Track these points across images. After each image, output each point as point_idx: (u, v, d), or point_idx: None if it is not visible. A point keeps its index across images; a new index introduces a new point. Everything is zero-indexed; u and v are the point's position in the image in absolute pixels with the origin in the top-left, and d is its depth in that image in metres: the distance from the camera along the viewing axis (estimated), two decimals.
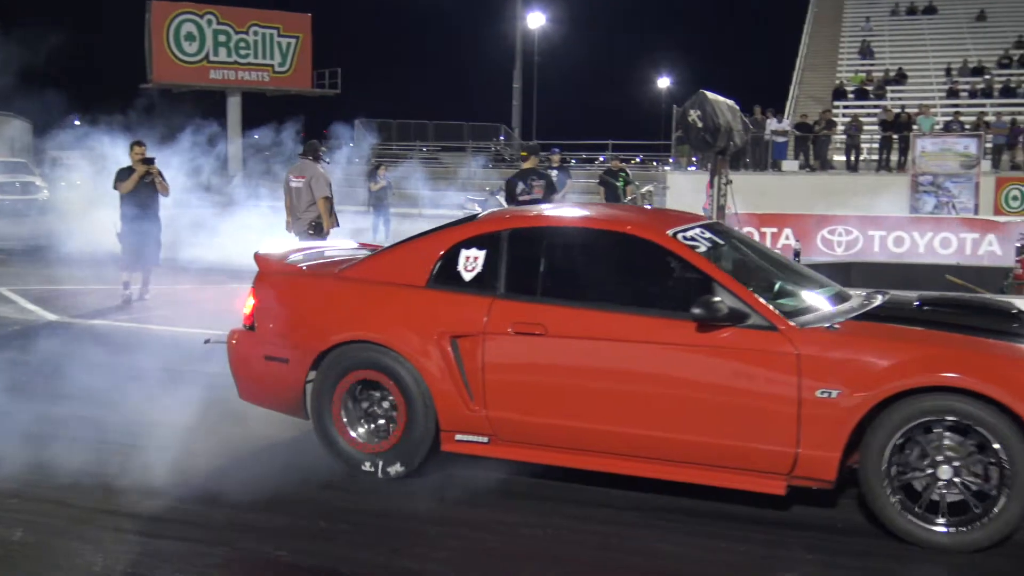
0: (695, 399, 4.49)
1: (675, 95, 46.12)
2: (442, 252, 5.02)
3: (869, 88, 27.29)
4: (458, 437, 4.86)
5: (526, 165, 10.05)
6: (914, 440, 4.22)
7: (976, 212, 19.39)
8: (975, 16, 31.25)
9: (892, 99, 26.01)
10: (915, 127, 22.48)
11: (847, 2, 34.25)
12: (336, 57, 38.75)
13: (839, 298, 4.98)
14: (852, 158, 23.01)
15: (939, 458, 4.18)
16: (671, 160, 27.52)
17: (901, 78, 27.67)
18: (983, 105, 24.99)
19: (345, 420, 5.01)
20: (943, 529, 4.16)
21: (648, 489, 4.72)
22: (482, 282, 4.87)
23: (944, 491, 4.18)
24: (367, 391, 5.03)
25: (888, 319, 4.73)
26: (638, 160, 34.14)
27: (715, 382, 4.46)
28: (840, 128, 23.81)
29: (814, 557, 4.15)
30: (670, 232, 4.86)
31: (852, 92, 27.34)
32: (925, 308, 5.12)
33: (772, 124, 23.66)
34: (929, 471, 4.20)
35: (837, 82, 28.35)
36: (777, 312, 4.48)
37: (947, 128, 22.54)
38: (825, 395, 4.28)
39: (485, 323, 4.74)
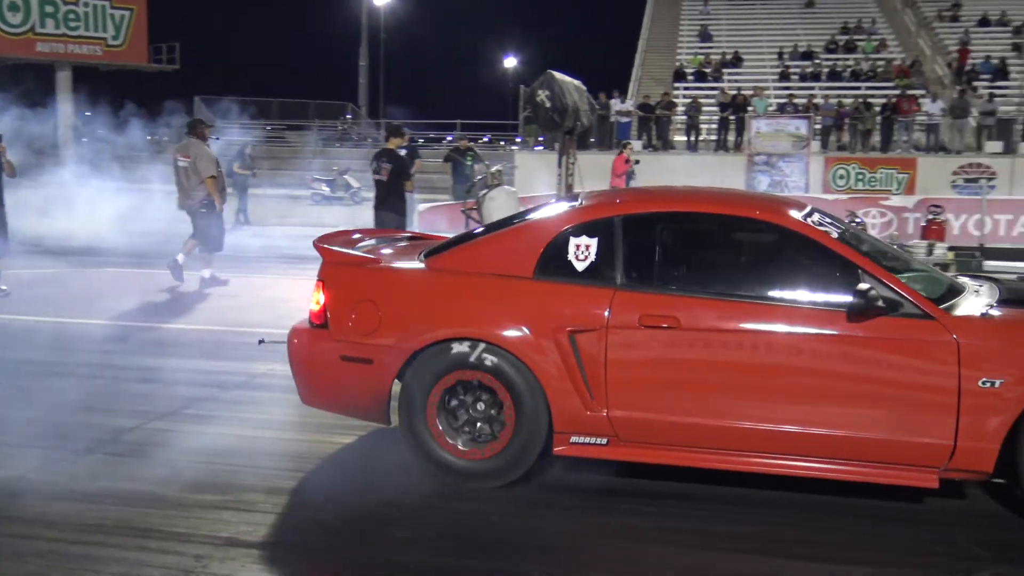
0: (847, 392, 4.31)
1: (522, 76, 46.73)
2: (549, 240, 4.68)
3: (707, 70, 28.23)
4: (574, 439, 4.56)
5: (387, 145, 10.27)
6: None
7: (807, 190, 20.70)
8: (805, 3, 32.97)
9: (729, 81, 26.90)
10: (750, 108, 23.56)
11: None
12: (175, 31, 37.54)
13: (961, 285, 4.89)
14: (692, 138, 23.88)
15: None
16: (518, 139, 28.03)
17: (737, 61, 28.83)
18: (812, 88, 26.26)
19: (442, 426, 4.59)
20: None
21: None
22: (598, 272, 4.58)
23: None
24: (468, 393, 4.60)
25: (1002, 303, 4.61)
26: (486, 139, 34.45)
27: (869, 374, 4.28)
28: (680, 109, 24.62)
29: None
30: (799, 216, 4.65)
31: (691, 74, 28.26)
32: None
33: (616, 105, 24.47)
34: None
35: (677, 64, 29.23)
36: (931, 300, 4.37)
37: (780, 110, 23.74)
38: (988, 385, 4.18)
39: (608, 317, 4.44)
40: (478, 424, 4.60)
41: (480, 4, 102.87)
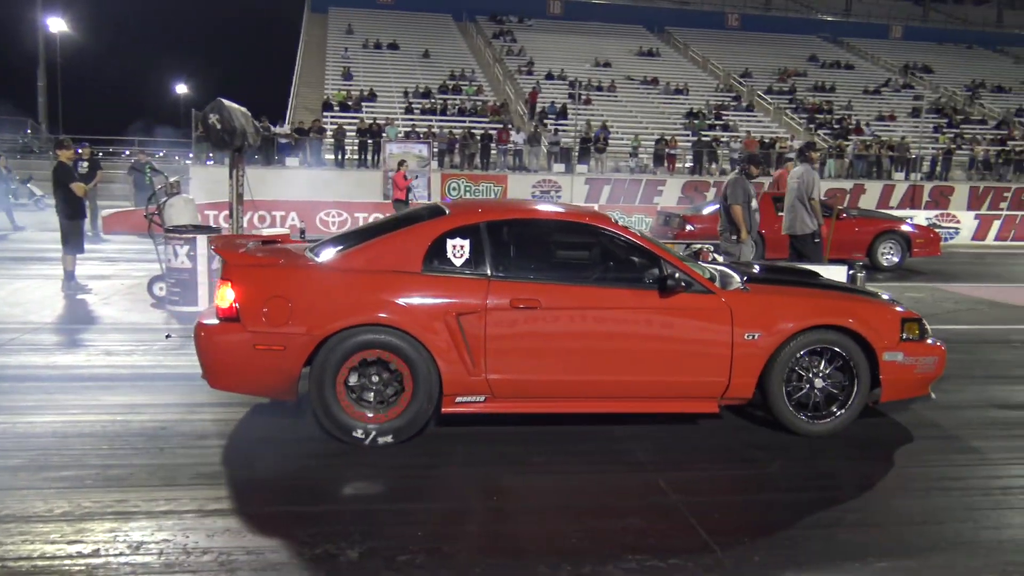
0: (658, 348, 4.73)
1: (193, 100, 44.17)
2: (431, 242, 4.72)
3: (350, 103, 28.51)
4: (459, 399, 4.71)
5: (59, 158, 9.77)
6: (810, 361, 4.92)
7: (429, 199, 21.64)
8: (423, 53, 34.27)
9: (367, 112, 27.45)
10: (384, 135, 24.29)
11: (330, 35, 35.50)
12: None
13: (715, 269, 5.46)
14: (339, 157, 24.19)
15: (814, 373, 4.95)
16: (190, 155, 26.55)
17: (373, 96, 29.35)
18: (431, 120, 27.55)
19: (350, 398, 4.58)
20: None
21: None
22: (472, 266, 4.69)
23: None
24: (371, 369, 4.59)
25: (766, 281, 5.37)
26: (161, 154, 32.31)
27: (674, 334, 4.74)
28: (329, 133, 24.83)
29: None
30: (615, 221, 5.10)
31: (337, 105, 28.40)
32: (777, 274, 6.01)
33: (278, 128, 24.06)
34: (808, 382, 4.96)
35: (325, 97, 29.27)
36: (710, 280, 4.94)
37: (407, 136, 24.69)
38: (750, 337, 4.78)
39: (486, 301, 4.58)
40: (381, 394, 4.63)
41: (154, 36, 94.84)
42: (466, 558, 3.40)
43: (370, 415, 4.60)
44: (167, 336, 5.25)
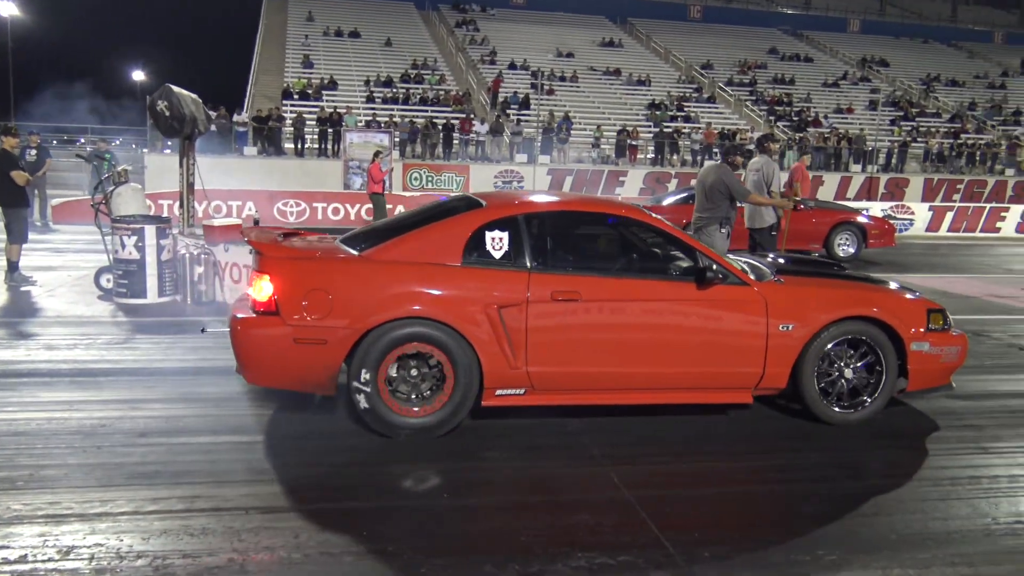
0: (697, 339, 4.76)
1: (151, 87, 43.18)
2: (470, 234, 4.67)
3: (310, 91, 28.17)
4: (498, 392, 4.68)
5: (3, 145, 9.34)
6: (841, 351, 5.00)
7: (391, 189, 21.33)
8: (385, 42, 33.92)
9: (327, 101, 27.11)
10: (344, 124, 23.98)
11: (290, 22, 34.96)
12: None
13: (747, 262, 5.50)
14: (299, 146, 23.82)
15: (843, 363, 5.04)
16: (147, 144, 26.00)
17: (333, 85, 29.00)
18: (392, 109, 27.29)
19: (392, 392, 4.54)
20: None
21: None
22: (512, 258, 4.66)
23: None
24: (413, 362, 4.54)
25: (795, 273, 5.39)
26: (117, 142, 31.60)
27: (711, 325, 4.78)
28: (289, 122, 24.47)
29: None
30: (650, 214, 5.13)
31: (297, 94, 28.03)
32: (804, 266, 6.03)
33: (236, 116, 23.63)
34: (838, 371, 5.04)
35: (285, 85, 28.86)
36: (745, 272, 4.99)
37: (368, 125, 24.42)
38: (785, 328, 4.85)
39: (527, 294, 4.57)
40: (423, 387, 4.59)
41: (111, 21, 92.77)
42: (410, 558, 3.31)
43: (416, 409, 4.56)
44: (203, 330, 5.05)
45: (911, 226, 21.39)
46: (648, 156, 26.96)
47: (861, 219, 14.75)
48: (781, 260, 5.96)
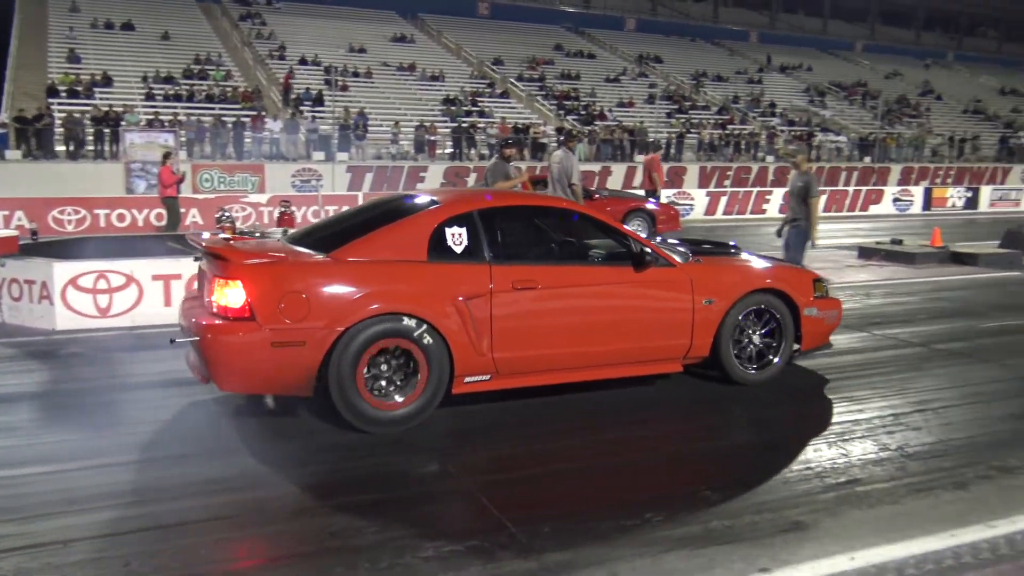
0: (637, 317, 5.27)
1: None
2: (431, 231, 4.88)
3: (79, 88, 25.95)
4: (467, 379, 4.90)
5: None
6: (749, 320, 5.65)
7: (181, 192, 20.20)
8: (162, 35, 31.85)
9: (101, 99, 25.07)
10: (123, 123, 22.35)
11: (51, 12, 31.91)
12: None
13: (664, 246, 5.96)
14: (72, 148, 21.95)
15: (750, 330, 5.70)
16: None
17: (108, 81, 26.88)
18: (176, 107, 25.73)
19: (370, 388, 4.65)
20: None
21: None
22: (473, 253, 4.91)
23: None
24: (390, 357, 4.69)
25: (706, 254, 5.95)
26: None
27: (648, 304, 5.31)
28: (58, 122, 22.45)
29: None
30: (590, 207, 5.76)
31: (64, 91, 25.70)
32: (706, 246, 6.50)
33: None
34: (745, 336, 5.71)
35: (49, 81, 26.38)
36: (671, 255, 5.49)
37: (150, 124, 22.90)
38: (707, 303, 5.43)
39: (491, 285, 4.84)
40: (399, 380, 4.73)
41: None
42: (254, 567, 3.26)
43: (392, 402, 4.71)
44: (171, 341, 4.80)
45: (692, 211, 23.17)
46: (447, 151, 27.27)
47: (650, 206, 15.85)
48: (680, 243, 6.53)
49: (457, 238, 4.92)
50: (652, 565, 3.30)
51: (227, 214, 11.18)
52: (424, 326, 4.68)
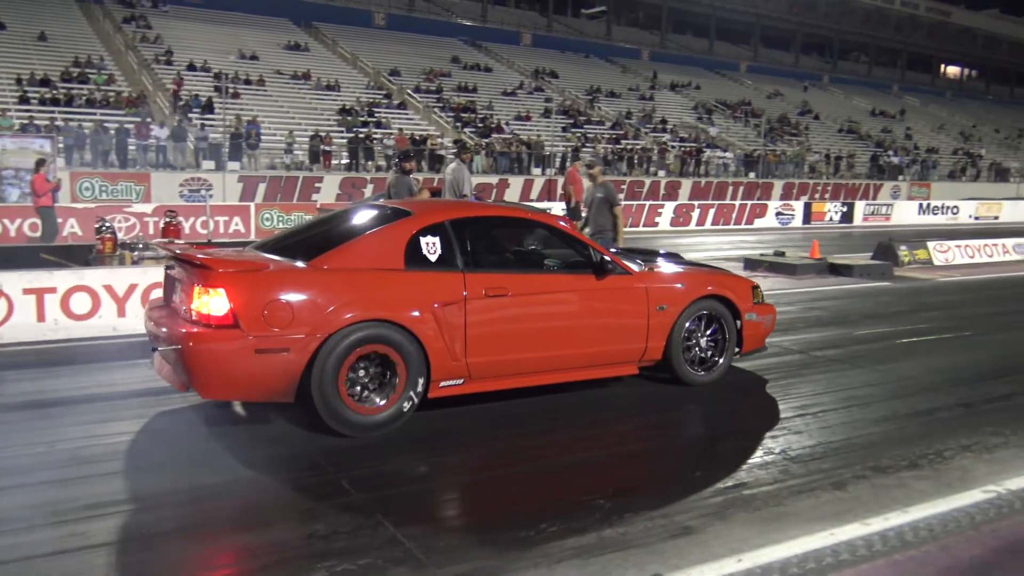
0: (599, 323, 5.52)
1: None
2: (407, 240, 5.01)
3: None
4: (442, 384, 5.02)
5: None
6: (696, 324, 6.01)
7: (58, 201, 19.17)
8: (38, 36, 30.22)
9: None
10: None
11: None
12: None
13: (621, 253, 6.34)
14: None
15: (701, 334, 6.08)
16: None
17: None
18: (53, 112, 24.42)
19: (352, 393, 4.73)
20: None
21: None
22: (446, 261, 5.06)
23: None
24: (369, 362, 4.79)
25: (652, 262, 6.19)
26: None
27: (609, 309, 5.58)
28: None
29: None
30: (555, 218, 6.07)
31: None
32: (648, 255, 6.65)
33: None
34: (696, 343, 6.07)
35: None
36: (628, 264, 5.79)
37: (24, 129, 21.65)
38: (661, 309, 5.76)
39: (465, 292, 4.99)
40: (379, 385, 4.83)
41: None
42: None
43: (372, 406, 4.80)
44: (153, 350, 4.70)
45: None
46: (343, 162, 26.88)
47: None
48: (620, 251, 6.87)
49: (432, 247, 5.07)
50: None
51: (107, 224, 10.58)
52: (403, 332, 4.80)
